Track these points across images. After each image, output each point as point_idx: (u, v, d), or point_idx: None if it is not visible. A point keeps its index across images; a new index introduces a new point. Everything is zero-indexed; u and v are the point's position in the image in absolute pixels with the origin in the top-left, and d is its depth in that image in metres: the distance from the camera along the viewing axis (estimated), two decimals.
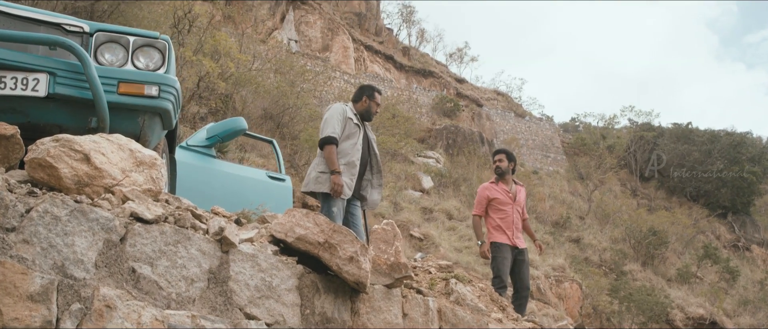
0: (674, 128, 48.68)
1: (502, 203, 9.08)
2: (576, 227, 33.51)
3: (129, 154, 4.14)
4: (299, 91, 25.41)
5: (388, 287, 4.71)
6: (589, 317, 24.37)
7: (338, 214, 7.28)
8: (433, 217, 26.23)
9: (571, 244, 30.99)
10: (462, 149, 36.74)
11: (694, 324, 27.42)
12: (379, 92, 7.94)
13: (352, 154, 7.44)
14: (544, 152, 44.89)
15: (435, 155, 35.69)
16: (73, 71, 4.79)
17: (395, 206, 25.18)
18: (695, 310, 27.72)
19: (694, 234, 37.36)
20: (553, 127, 48.71)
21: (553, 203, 35.87)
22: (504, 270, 8.79)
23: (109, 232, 3.53)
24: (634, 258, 31.83)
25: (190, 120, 20.02)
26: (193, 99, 20.20)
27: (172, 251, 3.72)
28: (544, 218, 33.15)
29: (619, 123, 51.78)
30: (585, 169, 41.01)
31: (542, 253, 9.61)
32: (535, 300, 22.08)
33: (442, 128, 39.08)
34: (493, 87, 55.86)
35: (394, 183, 27.82)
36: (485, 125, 43.01)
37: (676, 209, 41.51)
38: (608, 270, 29.36)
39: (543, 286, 22.79)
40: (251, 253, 4.03)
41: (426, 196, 29.27)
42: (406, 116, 33.08)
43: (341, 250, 4.22)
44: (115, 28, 5.17)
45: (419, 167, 33.06)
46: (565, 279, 24.37)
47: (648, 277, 30.35)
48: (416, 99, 41.29)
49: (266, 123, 22.88)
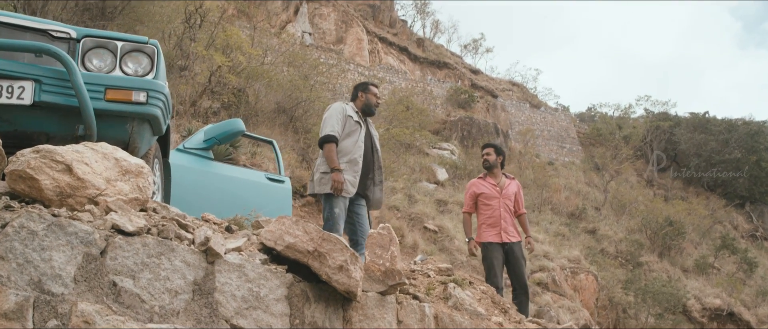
0: (691, 118, 48.36)
1: (488, 197, 9.03)
2: (592, 219, 33.35)
3: (114, 163, 4.08)
4: (313, 84, 25.35)
5: (382, 294, 4.64)
6: (605, 309, 24.26)
7: (340, 215, 7.23)
8: (447, 209, 26.14)
9: (587, 235, 30.85)
10: (477, 140, 36.61)
11: (711, 315, 27.25)
12: (374, 85, 7.92)
13: (353, 151, 7.40)
14: (560, 142, 44.70)
15: (450, 147, 35.58)
16: (59, 78, 4.72)
17: (409, 199, 25.10)
18: (712, 301, 27.55)
19: (711, 224, 37.10)
20: (569, 117, 48.50)
21: (568, 194, 35.72)
22: (495, 272, 8.73)
23: (88, 245, 3.47)
24: (650, 249, 31.64)
25: (203, 115, 20.02)
26: (205, 94, 20.18)
27: (155, 263, 3.66)
28: (560, 209, 33.02)
29: (634, 113, 51.51)
30: (601, 159, 40.78)
31: (532, 251, 9.50)
32: (551, 291, 21.99)
33: (456, 119, 38.94)
34: (509, 78, 55.74)
35: (408, 175, 27.75)
36: (500, 116, 42.87)
37: (693, 199, 41.23)
38: (624, 261, 29.20)
39: (558, 278, 22.68)
40: (238, 263, 3.96)
41: (440, 188, 29.20)
42: (420, 108, 32.99)
43: (331, 259, 4.15)
44: (103, 33, 5.09)
45: (434, 158, 32.98)
46: (580, 271, 24.25)
47: (665, 268, 30.17)
48: (431, 91, 41.16)
49: (279, 117, 22.84)
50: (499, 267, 8.78)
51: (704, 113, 48.91)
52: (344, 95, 33.46)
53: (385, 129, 24.39)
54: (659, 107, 50.27)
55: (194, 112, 19.60)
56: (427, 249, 21.32)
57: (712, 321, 27.18)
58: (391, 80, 39.29)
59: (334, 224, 7.19)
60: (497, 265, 8.77)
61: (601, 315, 23.92)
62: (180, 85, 19.60)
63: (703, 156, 44.31)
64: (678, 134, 46.16)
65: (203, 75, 20.32)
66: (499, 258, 8.82)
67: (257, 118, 21.98)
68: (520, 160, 37.46)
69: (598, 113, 53.40)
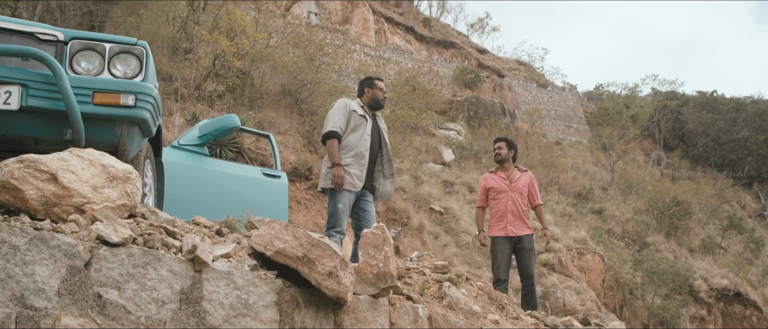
0: (699, 97, 48.14)
1: (497, 191, 9.11)
2: (599, 199, 33.31)
3: (101, 169, 4.04)
4: (319, 65, 25.28)
5: (374, 297, 4.61)
6: (611, 289, 24.26)
7: (344, 211, 7.28)
8: (453, 190, 26.15)
9: (594, 216, 30.81)
10: (483, 120, 36.54)
11: (717, 295, 27.25)
12: (379, 79, 7.95)
13: (359, 145, 7.44)
14: (567, 122, 44.57)
15: (456, 127, 35.49)
16: (46, 82, 4.68)
17: (415, 180, 25.09)
18: (719, 281, 27.54)
19: (718, 204, 37.02)
20: (576, 96, 48.33)
21: (575, 175, 35.67)
22: (501, 267, 8.77)
23: (72, 258, 3.44)
24: (657, 229, 31.62)
25: (207, 98, 19.99)
26: (209, 77, 20.15)
27: (141, 273, 3.63)
28: (567, 189, 32.98)
29: (642, 92, 51.31)
30: (608, 139, 40.66)
31: (548, 243, 9.58)
32: (557, 272, 22.00)
33: (463, 99, 38.82)
34: (516, 57, 55.47)
35: (414, 156, 27.72)
36: (507, 96, 42.72)
37: (700, 178, 41.11)
38: (631, 241, 29.18)
39: (565, 259, 22.68)
40: (226, 271, 3.93)
41: (447, 169, 29.16)
42: (426, 88, 32.90)
43: (320, 265, 4.13)
44: (91, 35, 5.03)
45: (440, 139, 32.93)
46: (587, 252, 24.24)
47: (671, 248, 30.15)
48: (437, 71, 41.01)
49: (284, 99, 22.80)
50: (503, 260, 8.83)
51: (712, 91, 48.76)
52: (350, 76, 33.41)
53: (391, 110, 24.31)
54: (667, 86, 50.05)
55: (199, 95, 19.57)
56: (433, 230, 21.31)
57: (719, 301, 27.19)
58: (397, 60, 39.15)
59: (338, 219, 7.23)
60: (501, 258, 8.83)
61: (608, 296, 23.92)
62: (185, 68, 19.57)
63: (710, 135, 44.12)
64: (685, 113, 45.95)
65: (207, 58, 20.28)
66: (504, 252, 8.87)
67: (262, 100, 21.96)
68: (527, 140, 37.35)
69: (606, 91, 53.18)
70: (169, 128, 15.93)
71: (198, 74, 19.77)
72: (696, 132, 45.08)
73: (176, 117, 16.72)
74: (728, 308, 27.36)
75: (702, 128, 44.64)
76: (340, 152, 7.35)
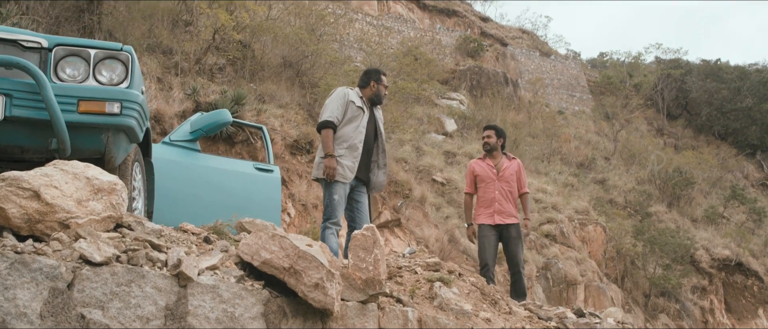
0: (702, 65, 47.81)
1: (485, 179, 9.07)
2: (601, 169, 33.29)
3: (85, 182, 4.02)
4: (320, 35, 25.14)
5: (362, 303, 4.60)
6: (613, 260, 24.32)
7: (340, 202, 7.29)
8: (456, 161, 26.09)
9: (596, 186, 30.82)
10: (486, 90, 36.37)
11: (719, 265, 27.32)
12: (384, 74, 7.92)
13: (354, 137, 7.42)
14: (570, 91, 44.39)
15: (459, 97, 35.33)
16: (30, 92, 4.64)
17: (417, 151, 25.05)
18: (721, 251, 27.61)
19: (721, 174, 36.96)
20: (579, 65, 48.09)
21: (578, 144, 35.64)
22: (486, 255, 8.77)
23: (54, 280, 3.43)
24: (659, 199, 31.62)
25: (208, 72, 19.91)
26: (209, 50, 20.06)
27: (125, 291, 3.62)
28: (569, 159, 32.97)
29: (646, 60, 51.04)
30: (611, 108, 40.53)
31: (527, 235, 9.50)
32: (559, 243, 22.04)
33: (465, 68, 38.65)
34: (519, 25, 55.09)
35: (416, 127, 27.65)
36: (510, 65, 42.54)
37: (703, 148, 41.03)
38: (633, 211, 29.18)
39: (566, 230, 22.71)
40: (211, 284, 3.92)
41: (449, 139, 29.08)
42: (428, 58, 32.76)
43: (306, 277, 4.11)
44: (75, 41, 4.98)
45: (442, 109, 32.81)
46: (589, 222, 24.29)
47: (673, 218, 30.17)
48: (439, 40, 40.81)
49: (286, 71, 22.71)
50: (490, 247, 8.82)
51: (716, 60, 48.49)
52: (352, 46, 33.25)
53: (393, 82, 24.20)
54: (671, 54, 49.79)
55: (199, 69, 19.48)
56: (435, 201, 21.30)
57: (721, 271, 27.28)
58: (400, 30, 38.95)
59: (334, 211, 7.24)
60: (488, 245, 8.82)
61: (609, 267, 23.99)
62: (185, 41, 19.48)
63: (714, 104, 43.91)
64: (689, 82, 45.69)
65: (207, 32, 20.17)
66: (490, 239, 8.85)
67: (263, 72, 21.87)
68: (530, 109, 37.27)
69: (610, 59, 52.94)
70: (168, 103, 15.88)
71: (198, 47, 19.68)
72: (699, 101, 44.87)
73: (176, 91, 16.64)
74: (730, 278, 27.45)
75: (706, 97, 44.41)
76: (334, 143, 7.33)
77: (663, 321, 23.70)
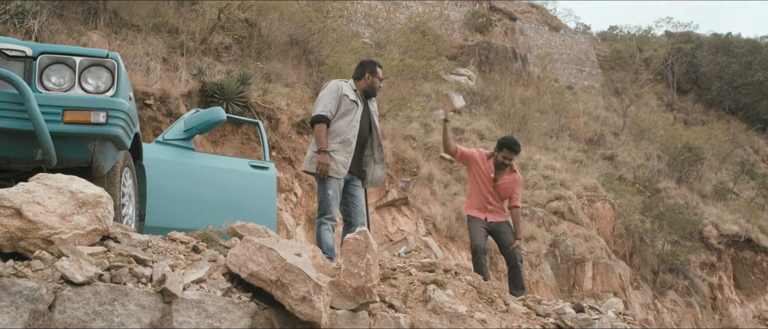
0: (713, 39, 47.28)
1: (480, 176, 8.88)
2: (610, 145, 33.13)
3: (69, 196, 3.99)
4: (328, 10, 24.99)
5: (353, 311, 4.56)
6: (621, 237, 24.24)
7: (334, 197, 7.25)
8: (464, 138, 26.01)
9: (605, 162, 30.69)
10: (494, 65, 36.15)
11: (728, 241, 27.23)
12: (380, 66, 7.86)
13: (347, 131, 7.37)
14: (579, 66, 44.08)
15: (467, 73, 35.14)
16: (14, 102, 4.60)
17: (425, 128, 24.99)
18: (730, 227, 27.51)
19: (731, 149, 36.72)
20: (589, 40, 47.75)
21: (587, 120, 35.44)
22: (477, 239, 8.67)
23: (35, 302, 3.40)
24: (668, 174, 31.48)
25: (214, 51, 19.84)
26: (215, 30, 19.97)
27: (108, 310, 3.59)
28: (578, 135, 32.80)
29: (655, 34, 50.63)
30: (621, 83, 40.22)
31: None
32: (567, 220, 21.99)
33: (474, 44, 38.42)
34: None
35: (424, 104, 27.55)
36: (518, 40, 42.26)
37: (713, 122, 40.75)
38: (642, 187, 29.08)
39: (575, 206, 22.66)
40: (197, 299, 3.89)
41: (457, 116, 28.97)
42: (437, 34, 32.57)
43: (293, 290, 4.08)
44: (60, 48, 4.94)
45: (451, 85, 32.66)
46: (597, 199, 24.20)
47: (683, 194, 30.04)
48: (448, 15, 40.56)
49: (292, 49, 22.63)
50: (480, 233, 8.72)
51: (727, 33, 48.02)
52: (360, 22, 33.11)
53: (400, 60, 24.09)
54: (681, 28, 49.35)
55: (205, 49, 19.40)
56: (443, 179, 21.26)
57: (729, 247, 27.19)
58: (408, 5, 38.73)
59: (328, 206, 7.21)
60: (478, 231, 8.73)
61: (618, 243, 23.92)
62: (190, 20, 19.39)
63: (725, 79, 43.50)
64: (700, 56, 45.25)
65: (213, 11, 20.07)
66: (480, 227, 8.76)
67: (270, 51, 21.79)
68: (539, 85, 37.07)
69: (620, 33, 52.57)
70: (174, 83, 15.81)
71: (204, 27, 19.59)
72: (710, 75, 44.41)
73: (182, 72, 16.57)
74: (739, 254, 27.38)
75: (716, 71, 43.93)
76: (328, 137, 7.28)
77: (671, 297, 23.65)
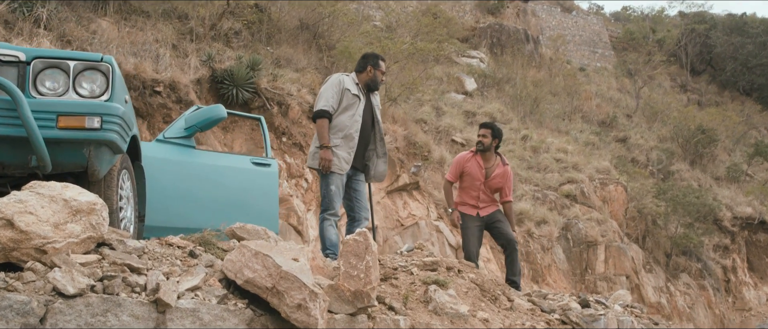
0: (727, 19, 46.84)
1: (472, 177, 8.86)
2: (623, 127, 32.95)
3: (63, 205, 3.95)
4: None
5: (351, 315, 4.53)
6: (634, 220, 24.13)
7: (337, 193, 7.24)
8: (476, 121, 25.87)
9: (618, 144, 30.54)
10: (506, 47, 35.98)
11: (742, 223, 27.11)
12: (383, 60, 7.79)
13: (349, 126, 7.33)
14: (592, 47, 43.83)
15: (479, 55, 34.94)
16: (7, 109, 4.56)
17: (437, 111, 24.89)
18: (743, 209, 27.37)
19: (745, 131, 36.49)
20: (601, 21, 47.43)
21: (599, 102, 35.23)
22: (471, 247, 8.69)
23: (26, 316, 3.37)
24: (682, 157, 31.32)
25: (223, 38, 19.78)
26: (224, 16, 19.90)
27: (101, 322, 3.56)
28: (591, 117, 32.62)
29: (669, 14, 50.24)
30: (634, 65, 39.93)
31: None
32: (579, 203, 21.91)
33: (485, 26, 38.20)
34: None
35: (436, 86, 27.44)
36: (531, 22, 41.98)
37: (727, 104, 40.47)
38: (655, 170, 28.94)
39: (587, 189, 22.56)
40: (191, 308, 3.86)
41: (469, 99, 28.85)
42: (448, 16, 32.41)
43: (289, 297, 4.05)
44: (54, 53, 4.89)
45: (462, 68, 32.50)
46: (609, 182, 24.09)
47: (696, 177, 29.89)
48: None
49: (303, 34, 22.56)
50: (474, 239, 8.73)
51: (742, 13, 47.60)
52: (371, 6, 32.97)
53: (411, 43, 23.96)
54: (695, 8, 48.92)
55: (215, 35, 19.35)
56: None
57: (743, 229, 27.08)
58: None
59: (331, 202, 7.19)
60: (472, 237, 8.75)
61: (630, 227, 23.81)
62: (200, 6, 19.35)
63: (739, 59, 43.12)
64: (714, 36, 44.85)
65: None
66: (474, 230, 8.77)
67: (280, 36, 21.74)
68: (551, 67, 36.89)
69: (633, 14, 52.18)
70: (184, 70, 15.79)
71: (213, 12, 19.54)
72: (724, 56, 44.00)
73: (192, 59, 16.53)
74: (752, 236, 27.28)
75: (730, 51, 43.51)
76: (330, 132, 7.24)
77: (684, 280, 23.57)
